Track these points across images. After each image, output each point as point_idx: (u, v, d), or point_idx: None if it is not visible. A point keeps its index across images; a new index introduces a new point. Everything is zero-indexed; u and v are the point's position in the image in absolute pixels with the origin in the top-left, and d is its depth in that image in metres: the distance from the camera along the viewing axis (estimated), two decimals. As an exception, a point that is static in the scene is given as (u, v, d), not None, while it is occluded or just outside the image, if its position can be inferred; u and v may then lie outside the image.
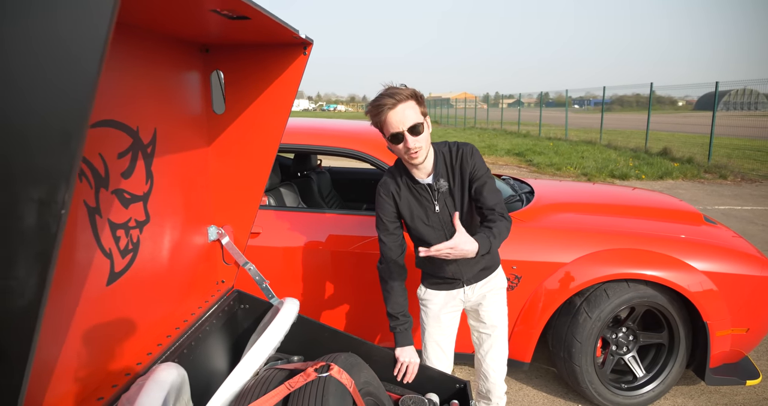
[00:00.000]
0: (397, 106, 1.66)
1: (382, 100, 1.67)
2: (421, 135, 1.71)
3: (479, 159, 1.83)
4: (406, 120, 1.67)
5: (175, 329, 1.66)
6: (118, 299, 1.30)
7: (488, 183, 1.80)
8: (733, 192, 9.12)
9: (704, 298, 2.47)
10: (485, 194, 1.78)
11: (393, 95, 1.66)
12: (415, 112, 1.70)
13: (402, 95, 1.66)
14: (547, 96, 25.80)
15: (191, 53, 1.66)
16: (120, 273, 1.27)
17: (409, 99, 1.69)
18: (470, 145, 1.84)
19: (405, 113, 1.67)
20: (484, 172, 1.82)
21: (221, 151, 1.78)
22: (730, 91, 40.40)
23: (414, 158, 1.73)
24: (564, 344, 2.59)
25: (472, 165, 1.81)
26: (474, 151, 1.83)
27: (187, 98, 1.65)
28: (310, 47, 1.65)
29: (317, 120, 3.61)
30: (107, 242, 1.20)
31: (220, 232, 1.81)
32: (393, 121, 1.68)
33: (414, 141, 1.69)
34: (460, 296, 2.02)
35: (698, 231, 2.76)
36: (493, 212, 1.76)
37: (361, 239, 2.66)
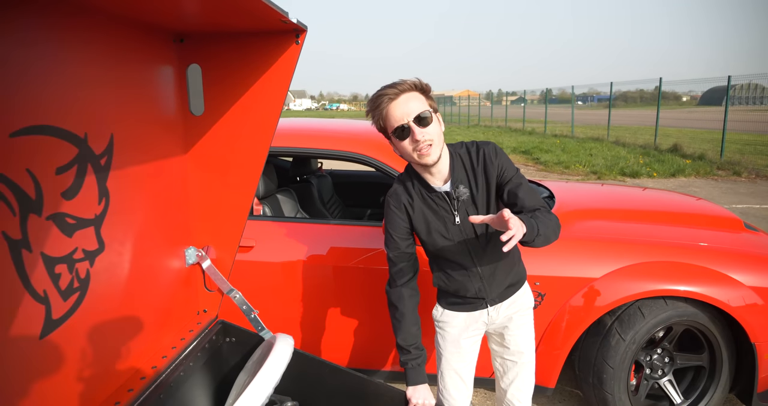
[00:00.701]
0: (400, 96, 1.45)
1: (383, 91, 1.46)
2: (430, 126, 1.47)
3: (505, 158, 1.57)
4: (410, 109, 1.45)
5: (152, 369, 1.40)
6: (62, 350, 1.04)
7: (523, 184, 1.55)
8: (749, 190, 8.82)
9: (751, 316, 2.20)
10: (522, 196, 1.53)
11: (394, 85, 1.46)
12: (421, 102, 1.48)
13: (405, 85, 1.46)
14: (550, 93, 25.48)
15: (162, 43, 1.39)
16: (60, 320, 1.01)
17: (413, 89, 1.47)
18: (492, 143, 1.58)
19: (409, 104, 1.45)
20: (515, 172, 1.56)
21: (200, 158, 1.51)
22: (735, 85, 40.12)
23: (425, 155, 1.48)
24: (593, 368, 2.32)
25: (499, 166, 1.55)
26: (498, 150, 1.57)
27: (158, 97, 1.39)
28: (303, 35, 1.38)
29: (317, 120, 3.34)
30: (40, 283, 0.94)
31: (200, 254, 1.55)
32: (396, 114, 1.45)
33: (422, 133, 1.46)
34: (483, 318, 1.75)
35: (740, 239, 2.49)
36: (537, 211, 1.50)
37: (366, 251, 2.39)
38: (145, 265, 1.34)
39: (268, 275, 2.42)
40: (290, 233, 2.46)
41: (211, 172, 1.52)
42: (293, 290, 2.43)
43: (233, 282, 2.35)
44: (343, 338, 2.48)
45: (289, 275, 2.41)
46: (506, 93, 36.76)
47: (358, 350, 2.50)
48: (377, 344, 2.47)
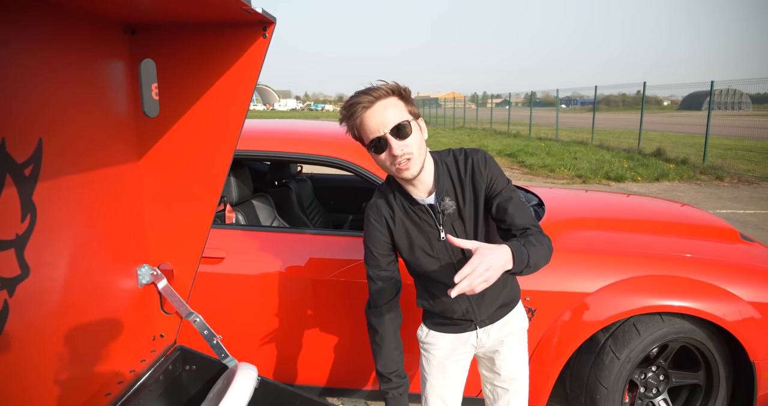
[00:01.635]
0: (375, 104, 1.29)
1: (357, 98, 1.30)
2: (409, 138, 1.31)
3: (496, 168, 1.43)
4: (387, 119, 1.29)
5: (105, 396, 1.23)
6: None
7: (513, 198, 1.40)
8: (732, 194, 8.85)
9: (750, 332, 2.09)
10: (511, 212, 1.38)
11: (369, 91, 1.29)
12: (400, 110, 1.32)
13: (380, 91, 1.29)
14: (534, 96, 25.59)
15: (110, 35, 1.22)
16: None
17: (390, 95, 1.31)
18: (481, 151, 1.44)
19: (386, 112, 1.29)
20: (505, 184, 1.42)
21: (155, 165, 1.34)
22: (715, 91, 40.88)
23: (404, 170, 1.34)
24: (586, 388, 2.19)
25: (489, 177, 1.41)
26: (488, 159, 1.42)
27: (104, 97, 1.22)
28: (271, 27, 1.23)
29: (297, 122, 3.17)
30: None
31: (156, 273, 1.38)
32: (371, 124, 1.30)
33: (400, 146, 1.30)
34: (471, 341, 1.61)
35: (738, 252, 2.38)
36: (527, 230, 1.36)
37: (347, 262, 2.23)
38: (86, 288, 1.17)
39: (241, 288, 2.25)
40: (265, 243, 2.29)
41: (167, 181, 1.35)
42: (268, 305, 2.26)
43: (201, 296, 2.19)
44: (322, 356, 2.32)
45: (264, 289, 2.24)
46: (491, 95, 36.89)
47: (338, 368, 2.34)
48: (358, 362, 2.31)
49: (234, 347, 2.29)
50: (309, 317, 2.28)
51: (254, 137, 2.40)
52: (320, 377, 2.36)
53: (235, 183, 2.59)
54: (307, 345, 2.31)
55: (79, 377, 1.19)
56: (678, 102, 68.81)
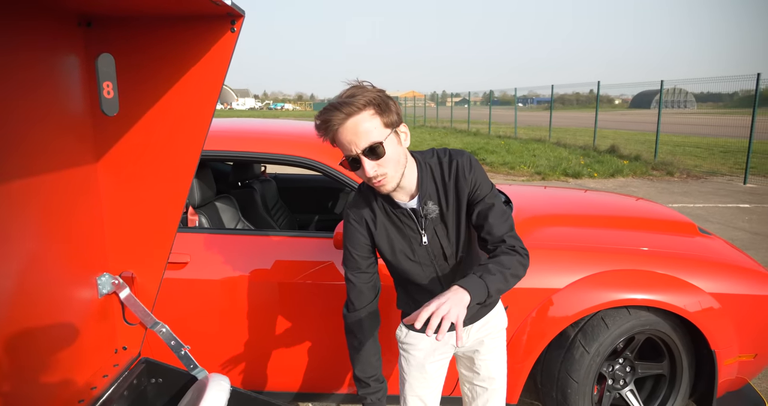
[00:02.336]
0: (347, 121, 1.22)
1: (329, 114, 1.22)
2: (384, 157, 1.26)
3: (480, 173, 1.40)
4: (360, 139, 1.23)
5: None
6: None
7: (495, 206, 1.38)
8: (682, 189, 9.23)
9: (712, 323, 2.16)
10: (492, 221, 1.35)
11: (341, 107, 1.21)
12: (375, 125, 1.24)
13: (355, 106, 1.22)
14: (492, 95, 26.02)
15: (63, 27, 1.13)
16: None
17: (366, 108, 1.23)
18: (466, 154, 1.41)
19: (358, 130, 1.23)
20: (489, 190, 1.39)
21: (116, 167, 1.26)
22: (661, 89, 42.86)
23: (380, 186, 1.31)
24: (557, 383, 2.21)
25: (473, 182, 1.38)
26: (473, 163, 1.40)
27: (57, 94, 1.13)
28: (240, 21, 1.17)
29: (261, 121, 3.09)
30: None
31: (117, 282, 1.29)
32: (344, 141, 1.24)
33: (373, 167, 1.26)
34: (451, 341, 1.60)
35: (697, 245, 2.46)
36: (503, 244, 1.34)
37: (314, 264, 2.18)
38: (41, 301, 1.08)
39: (206, 294, 2.16)
40: (230, 246, 2.22)
41: (129, 184, 1.27)
42: (235, 310, 2.18)
43: (164, 303, 2.10)
44: (294, 361, 2.26)
45: (230, 294, 2.17)
46: (451, 94, 37.30)
47: (310, 372, 2.28)
48: (331, 366, 2.27)
49: (201, 355, 2.20)
50: (278, 322, 2.21)
51: (217, 137, 2.32)
52: (293, 383, 2.30)
53: (197, 184, 2.49)
54: (277, 350, 2.25)
55: (35, 397, 1.10)
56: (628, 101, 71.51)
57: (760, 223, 6.52)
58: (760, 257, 5.07)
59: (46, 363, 1.13)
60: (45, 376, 1.13)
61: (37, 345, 1.11)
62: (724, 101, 29.98)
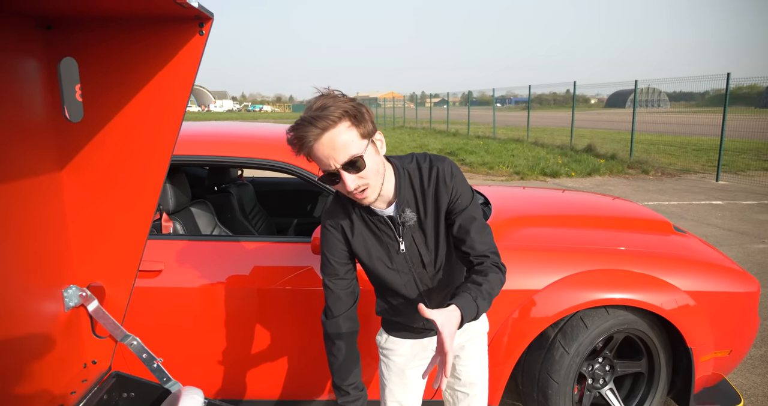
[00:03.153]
0: (323, 136, 1.17)
1: (303, 129, 1.17)
2: (365, 169, 1.23)
3: (461, 182, 1.38)
4: (338, 154, 1.19)
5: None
6: None
7: (477, 219, 1.36)
8: (657, 187, 9.40)
9: (688, 321, 2.19)
10: (473, 235, 1.34)
11: (315, 121, 1.16)
12: (352, 137, 1.20)
13: (329, 119, 1.16)
14: (471, 95, 26.20)
15: (21, 29, 1.09)
16: None
17: (341, 120, 1.18)
18: (447, 161, 1.38)
19: (335, 144, 1.18)
20: (469, 201, 1.37)
21: (81, 175, 1.22)
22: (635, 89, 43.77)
23: (361, 199, 1.28)
24: (538, 383, 2.22)
25: (453, 190, 1.35)
26: (454, 171, 1.37)
27: (16, 99, 1.08)
28: (209, 24, 1.13)
29: (237, 124, 3.04)
30: None
31: (85, 294, 1.25)
32: (321, 157, 1.20)
33: (355, 180, 1.22)
34: (432, 346, 1.58)
35: (672, 243, 2.50)
36: (485, 259, 1.32)
37: (293, 270, 2.15)
38: (2, 316, 1.03)
39: (181, 302, 2.11)
40: (206, 253, 2.17)
41: (95, 192, 1.22)
42: (212, 318, 2.14)
43: (137, 312, 2.04)
44: (272, 369, 2.22)
45: (207, 302, 2.12)
46: (429, 95, 37.43)
47: (290, 380, 2.25)
48: (310, 373, 2.23)
49: (177, 366, 2.15)
50: (256, 329, 2.18)
51: (192, 141, 2.27)
52: (272, 391, 2.27)
53: (171, 190, 2.44)
54: (256, 358, 2.21)
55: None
56: (604, 100, 72.71)
57: (732, 219, 6.67)
58: (733, 252, 5.18)
59: (9, 381, 1.08)
60: (8, 395, 1.08)
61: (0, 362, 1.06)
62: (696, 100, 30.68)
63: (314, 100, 1.21)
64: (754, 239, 5.68)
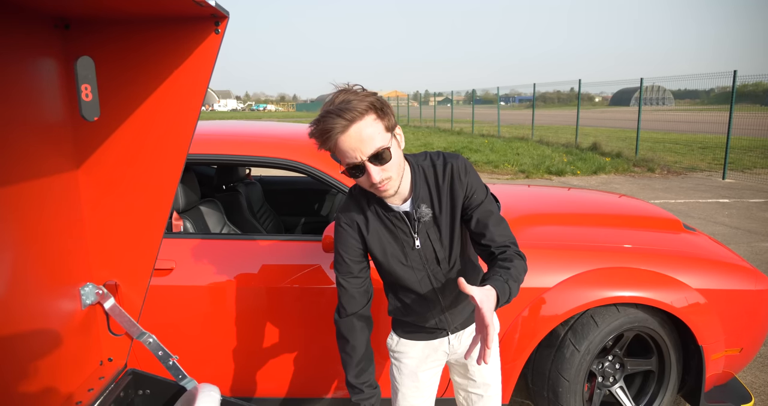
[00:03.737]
0: (350, 127, 1.18)
1: (330, 121, 1.17)
2: (389, 162, 1.23)
3: (475, 177, 1.38)
4: (365, 146, 1.20)
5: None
6: None
7: (494, 212, 1.37)
8: (663, 185, 9.37)
9: (699, 319, 2.18)
10: (492, 228, 1.34)
11: (342, 113, 1.17)
12: (378, 130, 1.21)
13: (356, 111, 1.18)
14: (475, 93, 26.16)
15: (39, 29, 1.09)
16: None
17: (367, 113, 1.20)
18: (461, 158, 1.39)
19: (362, 136, 1.19)
20: (485, 195, 1.38)
21: (97, 174, 1.22)
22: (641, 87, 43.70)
23: (383, 191, 1.28)
24: (548, 381, 2.22)
25: (468, 186, 1.36)
26: (468, 167, 1.38)
27: (34, 98, 1.09)
28: (224, 22, 1.14)
29: (245, 123, 3.05)
30: None
31: (101, 292, 1.25)
32: (347, 149, 1.20)
33: (380, 173, 1.23)
34: (443, 348, 1.57)
35: (683, 241, 2.49)
36: (507, 248, 1.33)
37: (302, 268, 2.15)
38: (21, 314, 1.04)
39: (192, 300, 2.12)
40: (216, 252, 2.18)
41: (112, 191, 1.23)
42: (222, 316, 2.14)
43: (149, 310, 2.05)
44: (282, 366, 2.23)
45: (217, 300, 2.13)
46: (433, 94, 37.39)
47: (301, 377, 2.25)
48: (319, 370, 2.24)
49: (189, 362, 2.16)
50: (266, 327, 2.18)
51: (200, 140, 2.28)
52: (283, 388, 2.27)
53: (181, 189, 2.45)
54: (266, 356, 2.21)
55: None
56: (608, 98, 72.46)
57: (739, 217, 6.64)
58: (741, 250, 5.16)
59: (28, 378, 1.09)
60: (27, 392, 1.09)
61: (18, 360, 1.07)
62: (701, 98, 30.54)
63: (335, 95, 1.21)
64: (761, 237, 5.65)
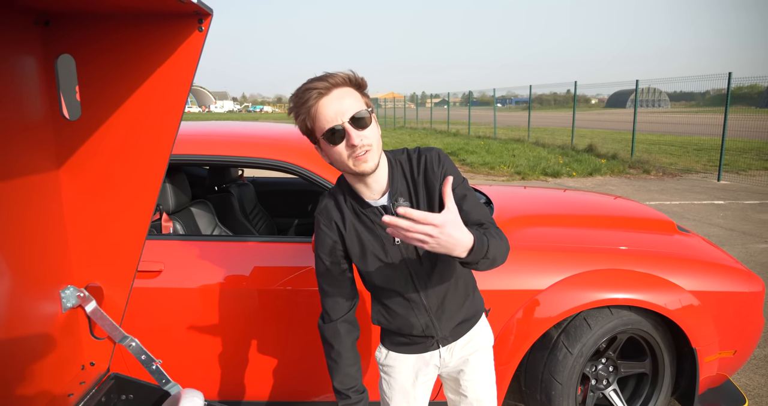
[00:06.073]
0: (332, 91, 1.21)
1: (310, 84, 1.20)
2: (369, 129, 1.24)
3: (450, 165, 1.37)
4: (345, 109, 1.21)
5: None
6: None
7: (468, 195, 1.35)
8: (659, 187, 9.38)
9: (693, 321, 2.17)
10: (467, 209, 1.32)
11: (324, 78, 1.21)
12: (357, 100, 1.24)
13: (337, 78, 1.22)
14: (471, 95, 26.19)
15: (18, 26, 1.07)
16: None
17: (347, 84, 1.23)
18: (435, 149, 1.38)
19: (343, 101, 1.21)
20: (460, 182, 1.36)
21: (78, 174, 1.20)
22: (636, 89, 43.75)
23: (363, 162, 1.24)
24: (541, 384, 2.20)
25: (443, 175, 1.34)
26: (442, 157, 1.37)
27: (13, 97, 1.06)
28: (208, 20, 1.12)
29: (237, 124, 3.03)
30: None
31: (83, 295, 1.23)
32: (327, 112, 1.20)
33: (360, 136, 1.22)
34: (434, 361, 1.51)
35: (676, 243, 2.48)
36: (484, 225, 1.31)
37: (294, 270, 2.13)
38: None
39: (181, 303, 2.09)
40: (206, 253, 2.15)
41: (93, 191, 1.20)
42: (211, 319, 2.12)
43: (137, 312, 2.03)
44: (272, 369, 2.21)
45: (207, 302, 2.10)
46: (430, 95, 37.43)
47: (291, 380, 2.23)
48: (312, 373, 2.21)
49: (177, 366, 2.13)
50: (257, 330, 2.16)
51: (192, 140, 2.25)
52: (272, 392, 2.25)
53: (171, 190, 2.42)
54: (256, 359, 2.19)
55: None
56: (604, 100, 72.73)
57: (734, 219, 6.65)
58: (736, 252, 5.16)
59: (6, 383, 1.06)
60: (5, 397, 1.06)
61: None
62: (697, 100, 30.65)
63: (308, 81, 1.23)
64: (756, 239, 5.66)
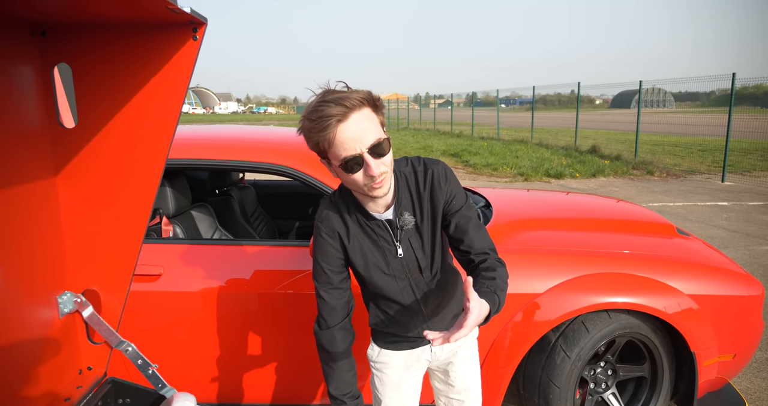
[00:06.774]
0: (349, 116, 1.13)
1: (327, 109, 1.12)
2: (386, 156, 1.20)
3: (455, 183, 1.37)
4: (364, 136, 1.15)
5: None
6: None
7: (473, 218, 1.36)
8: (662, 188, 9.34)
9: (692, 325, 2.16)
10: (471, 233, 1.33)
11: (340, 101, 1.12)
12: (374, 123, 1.18)
13: (353, 100, 1.13)
14: (475, 96, 26.18)
15: (15, 36, 1.09)
16: None
17: (364, 105, 1.16)
18: (441, 163, 1.37)
19: (361, 126, 1.14)
20: (464, 201, 1.37)
21: (75, 180, 1.21)
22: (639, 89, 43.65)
23: (377, 189, 1.22)
24: (539, 388, 2.20)
25: (448, 192, 1.35)
26: (448, 173, 1.36)
27: (11, 106, 1.08)
28: (202, 29, 1.13)
29: (237, 127, 3.04)
30: None
31: (79, 300, 1.24)
32: (346, 140, 1.14)
33: (378, 165, 1.18)
34: (425, 356, 1.55)
35: (676, 246, 2.47)
36: (487, 256, 1.31)
37: (294, 273, 2.14)
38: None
39: (180, 306, 2.11)
40: (206, 257, 2.16)
41: (90, 198, 1.22)
42: (211, 322, 2.13)
43: (136, 316, 2.04)
44: (271, 373, 2.22)
45: (206, 306, 2.11)
46: (434, 96, 37.43)
47: (291, 384, 2.24)
48: (312, 376, 2.22)
49: (177, 370, 2.14)
50: (257, 333, 2.17)
51: (193, 145, 2.27)
52: (272, 395, 2.26)
53: (171, 194, 2.44)
54: (256, 363, 2.20)
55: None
56: (609, 101, 72.56)
57: (738, 221, 6.62)
58: (739, 254, 5.14)
59: (3, 388, 1.08)
60: (2, 402, 1.08)
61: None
62: (701, 100, 30.52)
63: (323, 92, 1.17)
64: (760, 241, 5.63)
